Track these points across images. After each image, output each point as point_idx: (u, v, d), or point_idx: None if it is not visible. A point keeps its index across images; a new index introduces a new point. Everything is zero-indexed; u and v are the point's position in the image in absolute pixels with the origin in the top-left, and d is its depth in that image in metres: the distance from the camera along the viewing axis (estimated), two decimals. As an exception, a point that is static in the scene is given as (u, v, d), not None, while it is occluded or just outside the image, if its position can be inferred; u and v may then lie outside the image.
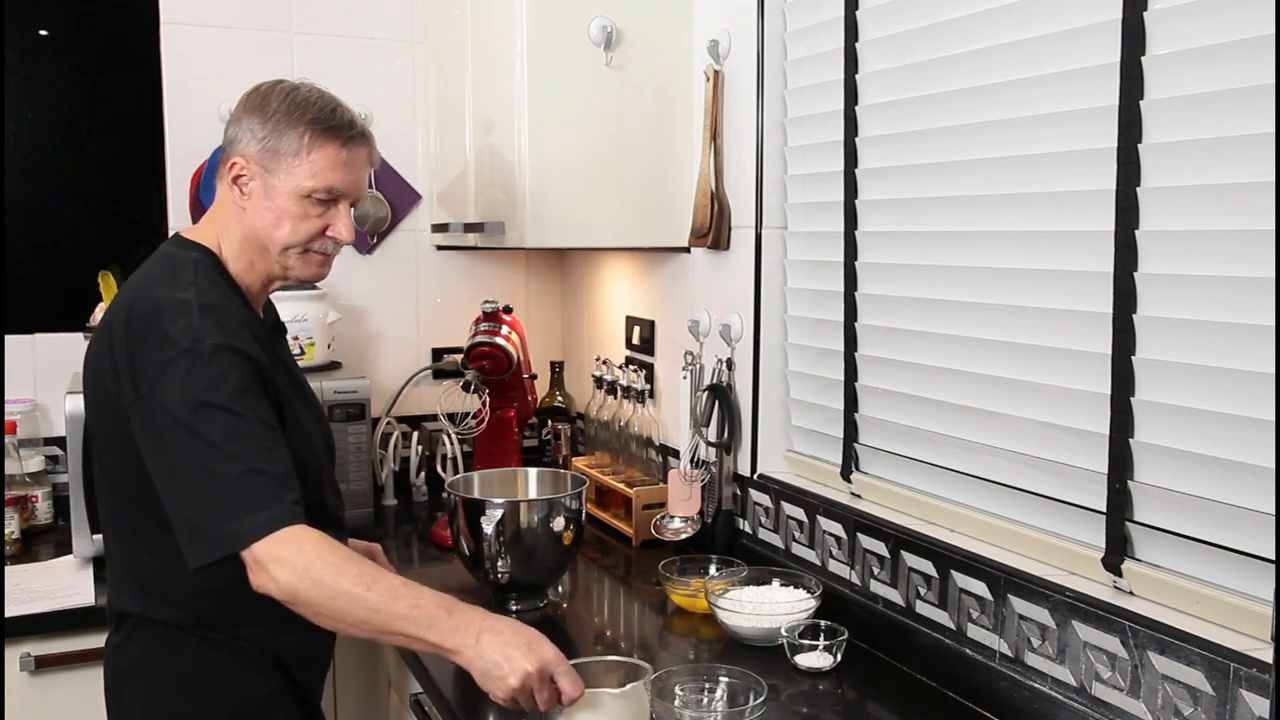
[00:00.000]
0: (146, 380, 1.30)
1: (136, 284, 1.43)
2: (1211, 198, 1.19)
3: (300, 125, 1.43)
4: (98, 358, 1.41)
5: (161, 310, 1.34)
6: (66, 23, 2.43)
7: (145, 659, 1.45)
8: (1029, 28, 1.42)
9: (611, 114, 2.09)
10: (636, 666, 1.29)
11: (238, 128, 1.45)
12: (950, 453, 1.61)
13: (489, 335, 2.38)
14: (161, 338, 1.31)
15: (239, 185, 1.45)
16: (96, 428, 1.45)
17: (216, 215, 1.50)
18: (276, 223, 1.45)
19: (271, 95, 1.45)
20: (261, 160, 1.44)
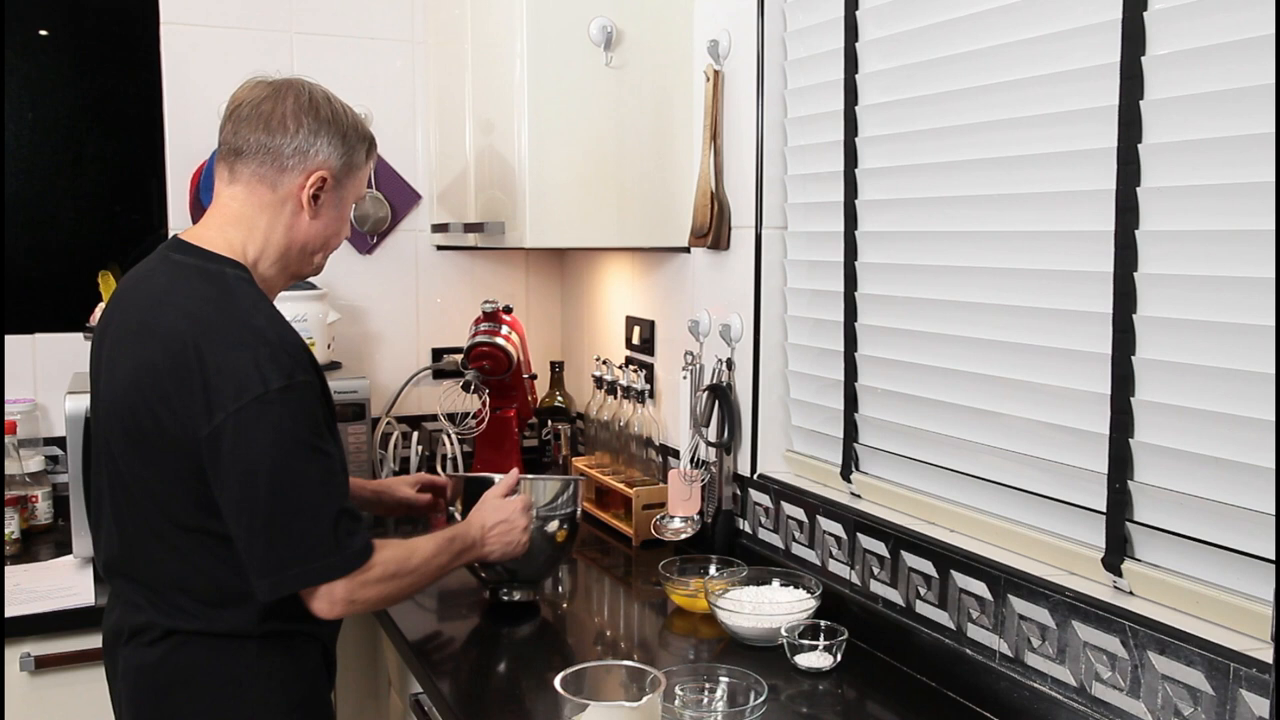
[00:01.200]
0: (225, 412, 1.29)
1: (186, 306, 1.35)
2: (1211, 198, 1.19)
3: (364, 141, 1.50)
4: (147, 377, 1.33)
5: (239, 341, 1.32)
6: (66, 23, 2.43)
7: (202, 668, 1.40)
8: (1029, 28, 1.42)
9: (611, 114, 2.09)
10: (644, 673, 1.29)
11: (313, 140, 1.43)
12: (950, 453, 1.61)
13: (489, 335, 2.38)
14: (244, 372, 1.30)
15: (316, 199, 1.45)
16: (129, 448, 1.37)
17: (249, 221, 1.44)
18: (339, 230, 1.52)
19: (332, 105, 1.47)
20: (339, 174, 1.47)
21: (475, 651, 1.71)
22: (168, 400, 1.32)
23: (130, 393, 1.36)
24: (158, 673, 1.41)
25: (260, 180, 1.43)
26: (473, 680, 1.60)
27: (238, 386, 1.29)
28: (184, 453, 1.33)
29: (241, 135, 1.43)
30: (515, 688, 1.57)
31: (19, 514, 2.21)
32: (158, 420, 1.33)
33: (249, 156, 1.43)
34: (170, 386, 1.32)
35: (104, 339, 1.46)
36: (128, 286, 1.47)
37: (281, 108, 1.43)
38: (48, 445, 2.40)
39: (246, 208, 1.44)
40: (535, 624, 1.84)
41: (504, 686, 1.57)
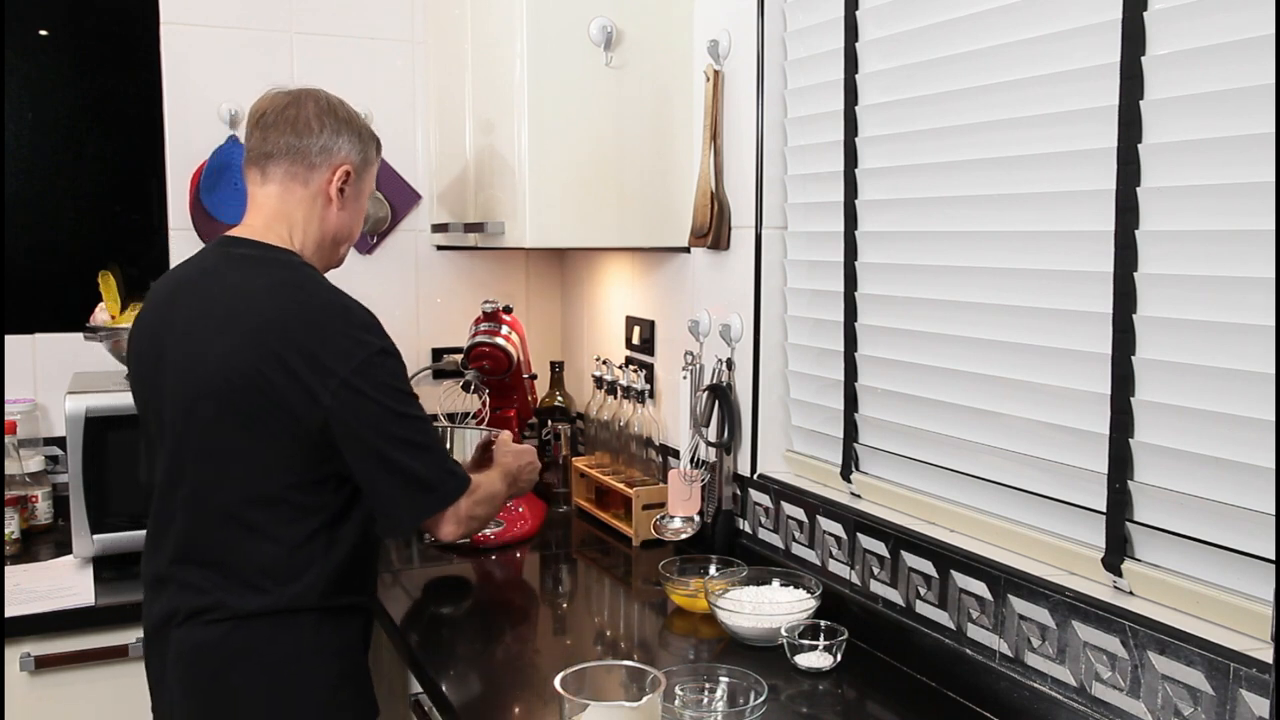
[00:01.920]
0: (339, 378, 1.44)
1: (274, 291, 1.48)
2: (1211, 198, 1.19)
3: (374, 140, 1.67)
4: (251, 361, 1.43)
5: (335, 317, 1.48)
6: (66, 23, 2.43)
7: (261, 644, 1.49)
8: (1029, 28, 1.42)
9: (611, 114, 2.09)
10: (644, 673, 1.29)
11: (335, 139, 1.59)
12: (950, 453, 1.61)
13: (489, 335, 2.38)
14: (352, 338, 1.46)
15: (342, 192, 1.60)
16: (232, 429, 1.46)
17: (288, 217, 1.58)
18: (359, 221, 1.68)
19: (346, 108, 1.64)
20: (359, 169, 1.63)
21: (475, 652, 1.71)
22: (278, 378, 1.43)
23: (232, 377, 1.44)
24: (219, 650, 1.48)
25: (293, 178, 1.57)
26: (473, 680, 1.60)
27: (345, 355, 1.44)
28: (296, 425, 1.45)
29: (270, 140, 1.57)
30: (515, 688, 1.57)
31: (19, 514, 2.21)
32: (269, 398, 1.44)
33: (279, 158, 1.57)
34: (278, 366, 1.43)
35: (168, 332, 1.53)
36: (189, 280, 1.56)
37: (305, 112, 1.58)
38: (48, 445, 2.40)
39: (283, 204, 1.58)
40: (535, 624, 1.85)
41: (504, 687, 1.58)
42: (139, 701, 1.89)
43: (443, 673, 1.59)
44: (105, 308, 2.28)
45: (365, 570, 1.60)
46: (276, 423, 1.45)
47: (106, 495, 2.04)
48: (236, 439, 1.47)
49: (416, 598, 1.96)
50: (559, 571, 2.14)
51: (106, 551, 2.06)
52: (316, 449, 1.47)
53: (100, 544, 2.05)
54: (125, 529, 2.05)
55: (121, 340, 2.19)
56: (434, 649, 1.70)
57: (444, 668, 1.62)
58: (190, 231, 2.53)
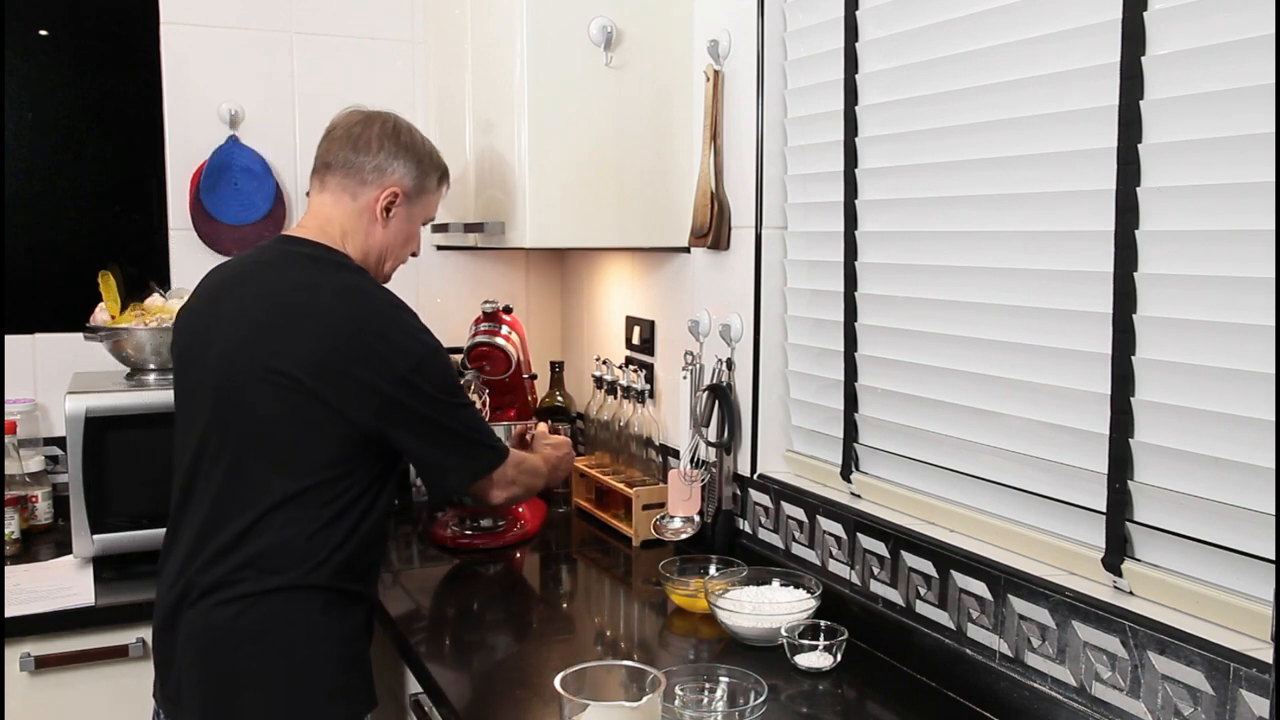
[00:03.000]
0: (400, 372, 1.53)
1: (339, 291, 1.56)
2: (1211, 198, 1.19)
3: (438, 170, 1.77)
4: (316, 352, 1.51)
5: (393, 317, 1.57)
6: (66, 23, 2.43)
7: (273, 622, 1.52)
8: (1029, 28, 1.42)
9: (611, 114, 2.09)
10: (644, 673, 1.29)
11: (391, 161, 1.68)
12: (950, 453, 1.61)
13: (489, 335, 2.38)
14: (411, 338, 1.57)
15: (388, 211, 1.69)
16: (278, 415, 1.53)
17: (341, 225, 1.66)
18: (405, 243, 1.75)
19: (414, 135, 1.72)
20: (410, 193, 1.71)
21: (475, 652, 1.71)
22: (335, 374, 1.51)
23: (289, 369, 1.51)
24: (230, 632, 1.52)
25: (344, 190, 1.67)
26: (473, 680, 1.60)
27: (405, 353, 1.54)
28: (346, 419, 1.52)
29: (333, 152, 1.68)
30: (515, 688, 1.57)
31: (19, 514, 2.21)
32: (324, 392, 1.51)
33: (336, 170, 1.67)
34: (339, 362, 1.51)
35: (221, 320, 1.59)
36: (247, 273, 1.63)
37: (369, 132, 1.68)
38: (48, 445, 2.40)
39: (334, 213, 1.67)
40: (535, 624, 1.85)
41: (504, 687, 1.58)
42: (139, 701, 1.89)
43: (443, 673, 1.59)
44: (105, 308, 2.28)
45: (373, 560, 1.65)
46: (327, 417, 1.52)
47: (106, 495, 2.04)
48: (284, 429, 1.53)
49: (416, 598, 1.96)
50: (559, 571, 2.14)
51: (106, 551, 2.06)
52: (358, 443, 1.55)
53: (100, 544, 2.05)
54: (125, 529, 2.05)
55: (121, 340, 2.19)
56: (434, 649, 1.70)
57: (444, 668, 1.62)
58: (190, 231, 2.53)
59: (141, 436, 2.04)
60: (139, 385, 2.17)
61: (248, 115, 2.56)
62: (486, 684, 1.59)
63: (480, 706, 1.49)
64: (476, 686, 1.58)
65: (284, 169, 2.59)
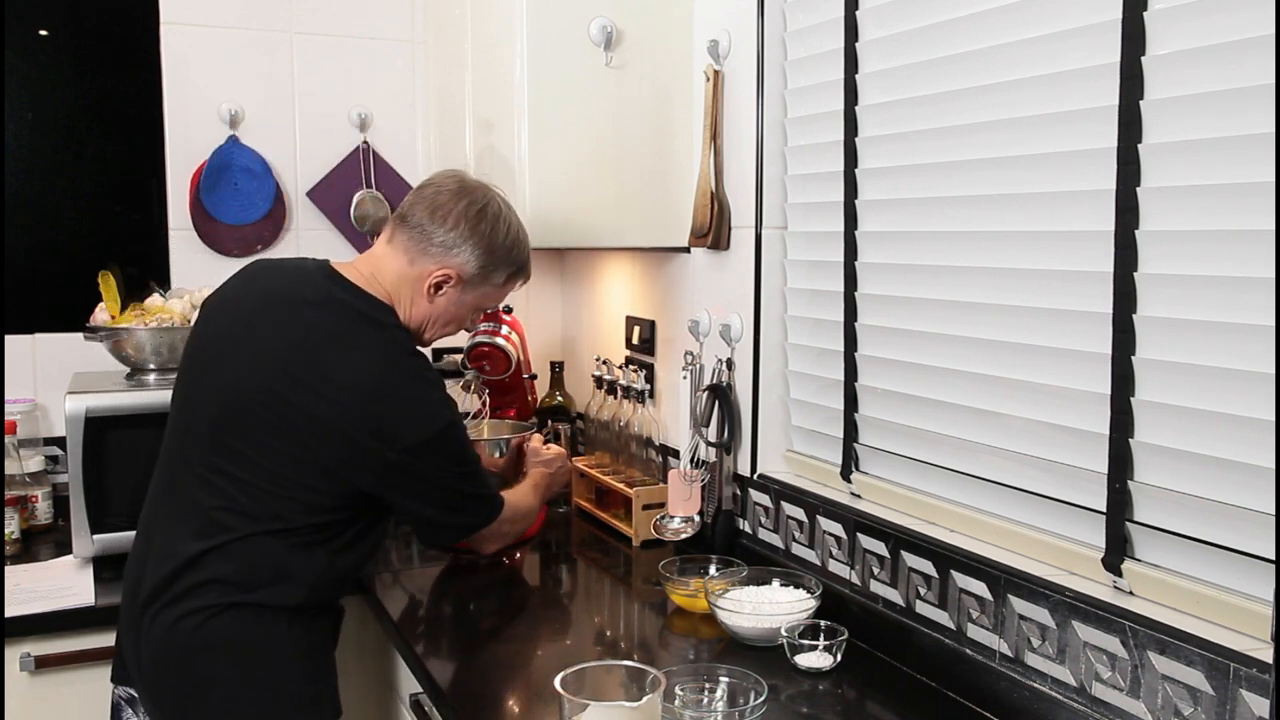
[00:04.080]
0: (409, 443, 1.55)
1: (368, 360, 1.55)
2: (1211, 198, 1.19)
3: (511, 267, 1.72)
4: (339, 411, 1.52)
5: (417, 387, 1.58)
6: (66, 23, 2.43)
7: (242, 635, 1.52)
8: (1029, 28, 1.42)
9: (611, 114, 2.09)
10: (644, 673, 1.29)
11: (461, 243, 1.64)
12: (950, 453, 1.61)
13: (489, 335, 2.38)
14: (427, 411, 1.58)
15: (438, 288, 1.66)
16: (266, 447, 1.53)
17: (395, 280, 1.65)
18: (448, 323, 1.72)
19: (498, 225, 1.68)
20: (470, 279, 1.67)
21: (475, 652, 1.71)
22: (350, 437, 1.53)
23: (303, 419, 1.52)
24: (192, 642, 1.51)
25: (406, 252, 1.65)
26: (473, 681, 1.60)
27: (418, 426, 1.56)
28: (352, 477, 1.55)
29: (414, 210, 1.66)
30: (515, 688, 1.57)
31: (19, 514, 2.21)
32: (337, 452, 1.53)
33: (409, 229, 1.65)
34: (352, 425, 1.52)
35: (246, 341, 1.57)
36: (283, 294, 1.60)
37: (456, 206, 1.65)
38: (48, 445, 2.40)
39: (391, 267, 1.66)
40: (535, 624, 1.85)
41: (504, 687, 1.58)
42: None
43: (443, 673, 1.59)
44: (105, 308, 2.28)
45: (347, 579, 1.68)
46: (325, 475, 1.54)
47: (106, 495, 2.04)
48: (280, 469, 1.53)
49: (416, 598, 1.96)
50: (559, 571, 2.14)
51: (106, 551, 2.06)
52: (352, 497, 1.57)
53: (100, 544, 2.05)
54: (125, 529, 2.05)
55: (121, 340, 2.19)
56: (434, 649, 1.70)
57: (444, 668, 1.62)
58: (190, 231, 2.53)
59: (141, 436, 2.04)
60: (139, 385, 2.17)
61: (248, 115, 2.56)
62: (486, 684, 1.58)
63: (480, 706, 1.49)
64: (476, 686, 1.58)
65: (284, 169, 2.59)
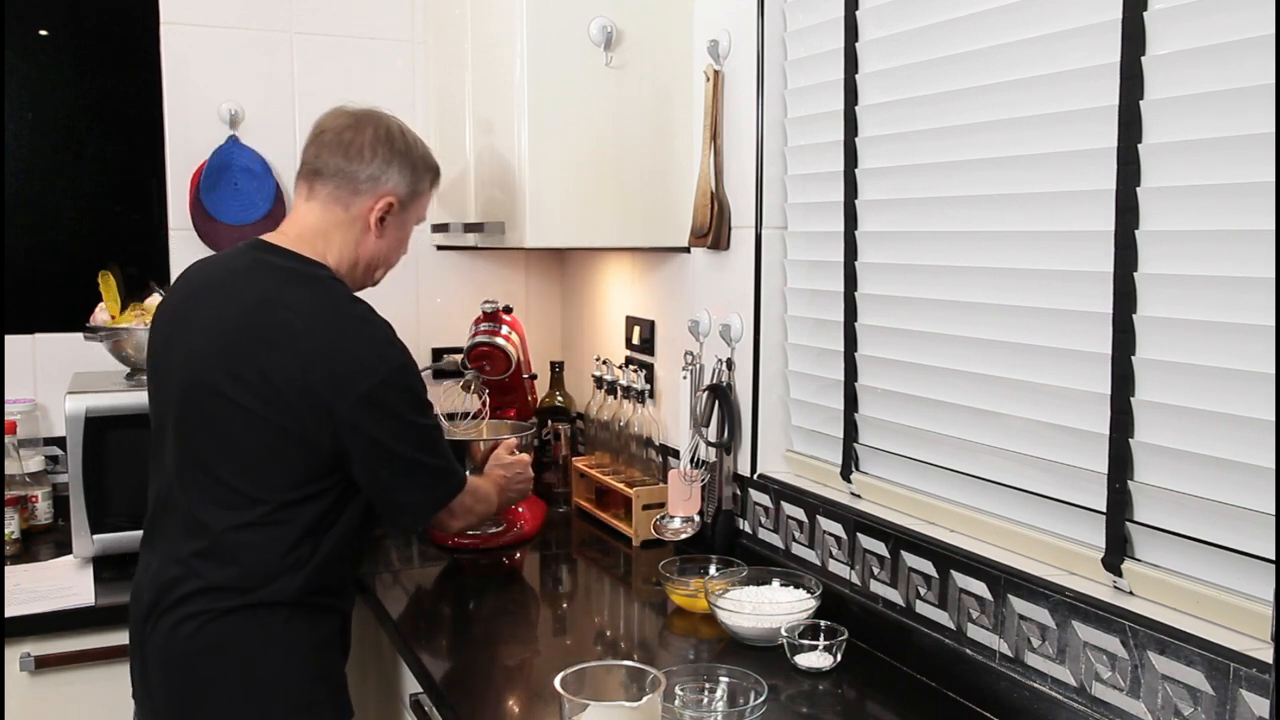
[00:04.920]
0: (359, 392, 1.48)
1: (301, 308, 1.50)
2: (1211, 198, 1.19)
3: (431, 172, 1.71)
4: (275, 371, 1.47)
5: (357, 334, 1.52)
6: (66, 23, 2.43)
7: (237, 637, 1.51)
8: (1029, 28, 1.42)
9: (611, 114, 2.09)
10: (644, 673, 1.29)
11: (386, 169, 1.62)
12: (950, 453, 1.61)
13: (489, 335, 2.38)
14: (376, 354, 1.51)
15: (382, 221, 1.64)
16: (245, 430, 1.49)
17: (325, 235, 1.61)
18: (399, 248, 1.72)
19: (406, 138, 1.66)
20: (405, 199, 1.66)
21: (476, 652, 1.71)
22: (295, 391, 1.47)
23: (250, 384, 1.48)
24: (191, 648, 1.51)
25: (335, 200, 1.61)
26: (473, 681, 1.60)
27: (369, 368, 1.49)
28: (307, 436, 1.49)
29: (322, 159, 1.61)
30: (515, 688, 1.57)
31: (19, 514, 2.21)
32: (285, 409, 1.48)
33: (327, 178, 1.61)
34: (298, 379, 1.47)
35: (185, 329, 1.56)
36: (216, 280, 1.59)
37: (361, 138, 1.61)
38: (48, 445, 2.40)
39: (322, 223, 1.62)
40: (535, 624, 1.85)
41: (504, 686, 1.58)
42: (139, 701, 1.89)
43: (443, 673, 1.59)
44: (105, 308, 2.28)
45: (343, 574, 1.63)
46: (286, 439, 1.49)
47: (106, 495, 2.04)
48: (245, 448, 1.50)
49: (416, 598, 1.96)
50: (559, 571, 2.14)
51: (106, 551, 2.06)
52: (321, 465, 1.52)
53: (100, 544, 2.05)
54: (125, 529, 2.05)
55: (121, 340, 2.19)
56: (434, 649, 1.70)
57: (444, 668, 1.62)
58: (190, 231, 2.53)
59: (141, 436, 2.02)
60: (139, 385, 2.17)
61: (248, 115, 2.56)
62: (486, 684, 1.59)
63: (480, 706, 1.49)
64: (476, 686, 1.58)
65: (284, 169, 2.59)
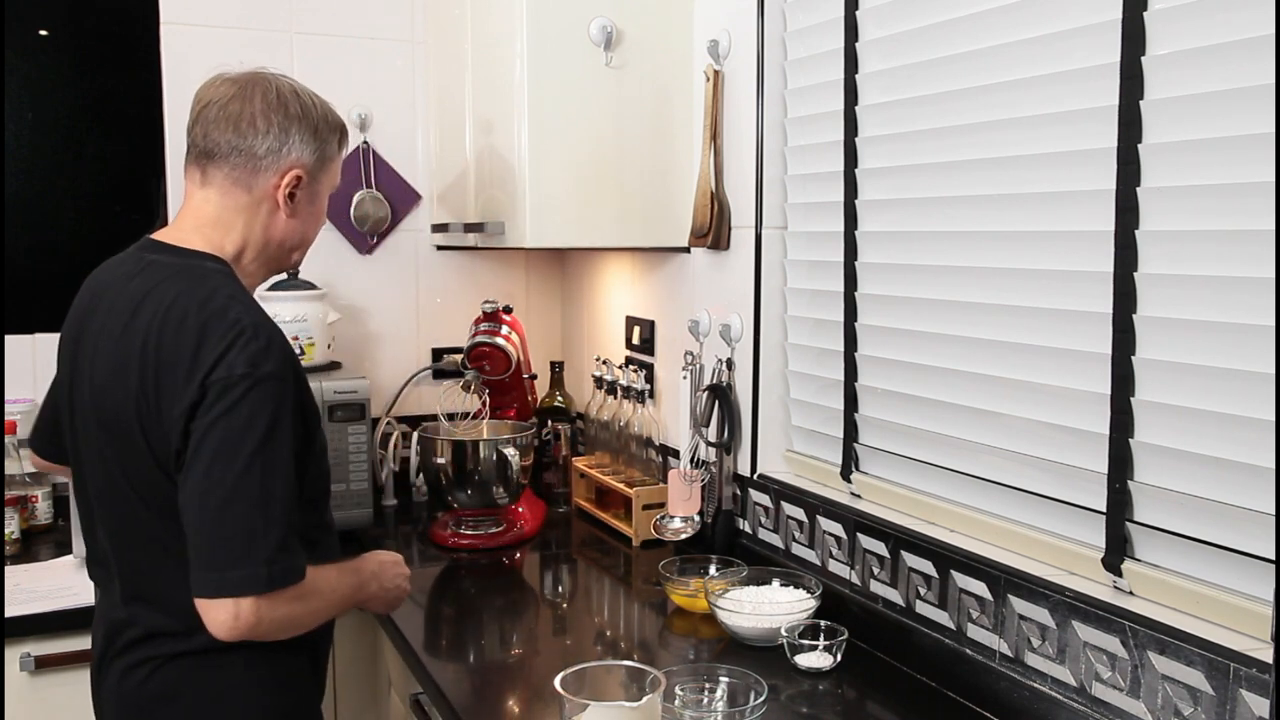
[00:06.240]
0: (189, 401, 1.27)
1: (163, 302, 1.33)
2: (1211, 198, 1.19)
3: (337, 131, 1.48)
4: (129, 376, 1.31)
5: (211, 331, 1.29)
6: (66, 23, 2.43)
7: (190, 682, 1.37)
8: (1029, 28, 1.42)
9: (611, 114, 2.09)
10: (644, 673, 1.29)
11: (281, 135, 1.40)
12: (950, 453, 1.61)
13: (489, 335, 2.38)
14: (215, 361, 1.27)
15: (293, 196, 1.43)
16: (114, 449, 1.35)
17: (225, 222, 1.42)
18: (315, 222, 1.50)
19: (300, 98, 1.43)
20: (313, 170, 1.45)
21: (475, 652, 1.72)
22: (145, 397, 1.30)
23: (114, 393, 1.33)
24: (140, 694, 1.39)
25: (235, 183, 1.41)
26: (473, 680, 1.60)
27: (206, 375, 1.26)
28: (160, 449, 1.30)
29: (211, 138, 1.40)
30: (515, 688, 1.57)
31: (19, 514, 2.21)
32: (138, 418, 1.31)
33: (221, 159, 1.40)
34: (148, 383, 1.30)
35: (81, 338, 1.42)
36: (104, 287, 1.43)
37: (250, 108, 1.39)
38: (48, 445, 2.40)
39: (222, 211, 1.42)
40: (535, 624, 1.85)
41: (504, 687, 1.58)
42: (139, 701, 1.89)
43: (443, 673, 1.59)
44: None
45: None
46: (147, 451, 1.31)
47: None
48: (139, 476, 1.34)
49: (416, 598, 1.95)
50: (559, 571, 2.14)
51: (106, 551, 2.06)
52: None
53: (100, 545, 2.04)
54: (125, 529, 2.05)
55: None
56: (434, 649, 1.70)
57: (444, 668, 1.62)
58: (190, 231, 2.52)
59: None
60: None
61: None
62: (486, 684, 1.59)
63: (480, 706, 1.49)
64: (476, 686, 1.58)
65: (284, 169, 2.59)
